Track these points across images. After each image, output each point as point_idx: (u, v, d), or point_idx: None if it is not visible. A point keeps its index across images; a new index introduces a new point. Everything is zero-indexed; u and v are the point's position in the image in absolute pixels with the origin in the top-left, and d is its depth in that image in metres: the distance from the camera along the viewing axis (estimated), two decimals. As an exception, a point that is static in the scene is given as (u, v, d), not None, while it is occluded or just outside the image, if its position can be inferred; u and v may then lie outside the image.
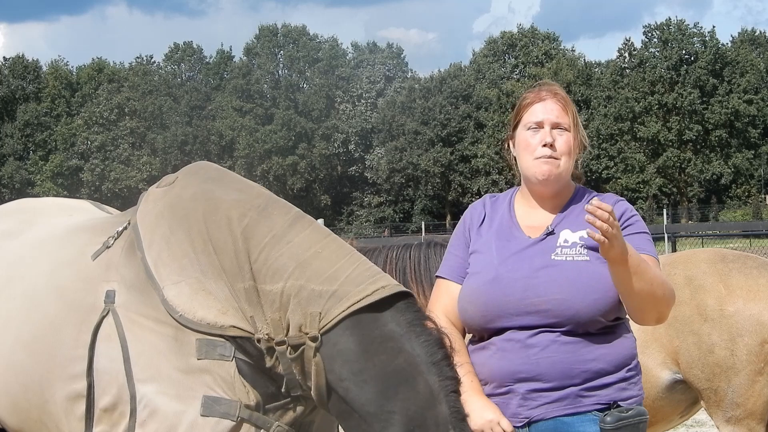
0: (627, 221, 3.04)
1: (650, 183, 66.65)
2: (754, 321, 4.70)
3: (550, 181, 3.05)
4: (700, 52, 68.29)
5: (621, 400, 2.93)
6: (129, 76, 75.01)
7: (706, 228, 32.57)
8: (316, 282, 3.00)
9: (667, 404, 4.87)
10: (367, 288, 2.98)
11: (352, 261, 3.09)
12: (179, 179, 3.45)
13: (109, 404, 3.15)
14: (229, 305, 3.07)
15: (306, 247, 3.08)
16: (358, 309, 2.94)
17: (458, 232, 3.22)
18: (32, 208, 4.16)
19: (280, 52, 76.42)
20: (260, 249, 3.08)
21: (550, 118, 3.05)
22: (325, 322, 2.96)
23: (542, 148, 3.02)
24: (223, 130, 70.77)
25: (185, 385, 3.04)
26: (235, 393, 3.04)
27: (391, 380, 2.87)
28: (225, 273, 3.09)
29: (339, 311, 2.95)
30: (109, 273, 3.30)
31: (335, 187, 73.43)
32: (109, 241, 3.39)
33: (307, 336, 2.96)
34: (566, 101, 3.11)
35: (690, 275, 4.83)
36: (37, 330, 3.37)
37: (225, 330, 3.03)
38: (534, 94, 3.12)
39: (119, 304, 3.21)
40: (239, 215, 3.16)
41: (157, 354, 3.09)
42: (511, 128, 3.17)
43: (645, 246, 3.01)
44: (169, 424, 3.03)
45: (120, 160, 71.78)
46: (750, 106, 67.28)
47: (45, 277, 3.47)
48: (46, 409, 3.33)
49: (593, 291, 2.92)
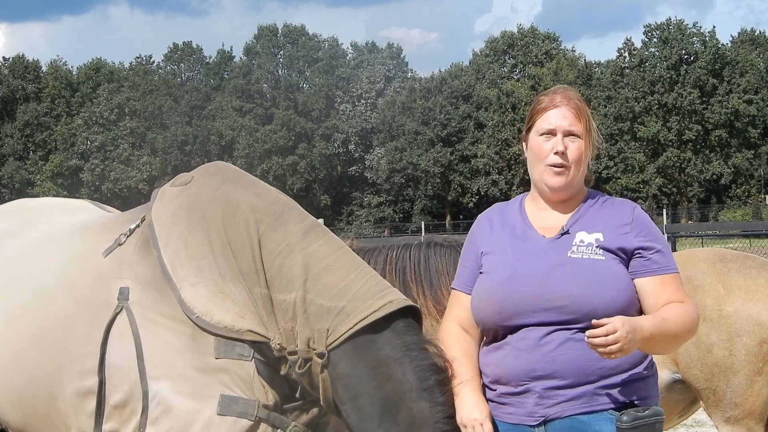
0: (647, 237, 3.03)
1: (650, 183, 66.59)
2: (752, 321, 4.70)
3: (560, 190, 3.07)
4: (699, 52, 68.23)
5: (637, 400, 2.94)
6: (129, 76, 74.95)
7: (706, 228, 32.55)
8: (326, 297, 3.02)
9: (666, 404, 4.87)
10: (375, 303, 3.00)
11: (362, 275, 3.10)
12: (196, 179, 3.44)
13: (120, 401, 3.15)
14: (246, 309, 3.08)
15: (318, 258, 3.10)
16: (362, 328, 2.96)
17: (467, 243, 3.24)
18: (33, 208, 4.16)
19: (279, 52, 76.37)
20: (274, 257, 3.09)
21: (563, 125, 3.04)
22: (332, 339, 2.98)
23: (554, 155, 3.03)
24: (223, 130, 70.71)
25: (201, 384, 3.05)
26: (253, 393, 3.04)
27: (377, 409, 2.90)
28: (243, 276, 3.10)
29: (346, 329, 2.97)
30: (122, 270, 3.30)
31: (335, 187, 73.37)
32: (121, 239, 3.39)
33: (314, 352, 2.98)
34: (580, 108, 3.10)
35: (689, 275, 4.82)
36: (47, 326, 3.36)
37: (242, 334, 3.05)
38: (549, 99, 3.11)
39: (133, 301, 3.21)
40: (256, 221, 3.17)
41: (173, 352, 3.09)
42: (525, 130, 3.17)
43: (669, 262, 3.03)
44: (182, 423, 3.04)
45: (120, 160, 71.70)
46: (750, 106, 67.20)
47: (54, 274, 3.47)
48: (53, 406, 3.32)
49: (610, 288, 2.93)
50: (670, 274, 3.01)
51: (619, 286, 2.96)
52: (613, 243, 3.00)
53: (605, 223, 3.05)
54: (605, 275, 2.95)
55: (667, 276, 2.99)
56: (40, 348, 3.35)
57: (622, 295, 2.95)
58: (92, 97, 74.26)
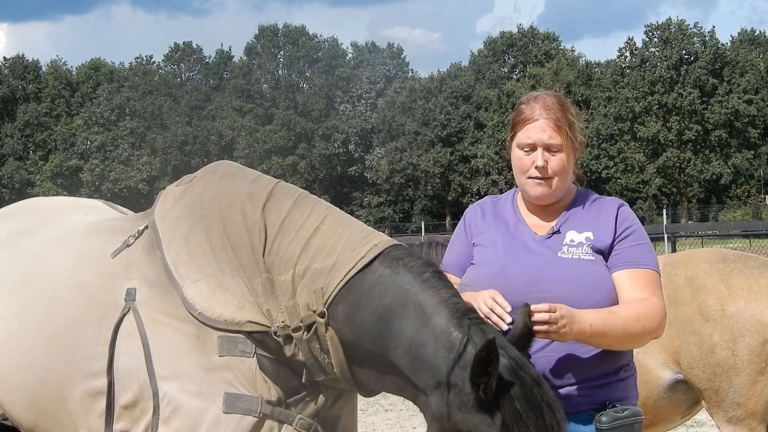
0: (624, 231, 3.05)
1: (650, 183, 66.62)
2: (755, 321, 4.70)
3: (543, 199, 3.09)
4: (700, 52, 68.26)
5: (616, 400, 2.94)
6: (129, 76, 74.99)
7: (705, 228, 32.56)
8: (319, 260, 3.06)
9: (668, 404, 4.86)
10: (362, 250, 3.04)
11: (349, 227, 3.15)
12: (197, 178, 3.48)
13: (130, 401, 3.17)
14: (246, 300, 3.10)
15: (309, 227, 3.14)
16: (353, 275, 3.00)
17: (458, 231, 3.25)
18: (45, 207, 4.17)
19: (280, 52, 76.40)
20: (272, 240, 3.13)
21: (542, 138, 3.03)
22: (327, 295, 3.01)
23: (534, 170, 3.04)
24: (223, 130, 70.77)
25: (207, 382, 3.07)
26: (256, 389, 3.06)
27: (384, 321, 2.91)
28: (243, 269, 3.13)
29: (337, 281, 3.00)
30: (130, 271, 3.32)
31: (335, 187, 73.41)
32: (129, 240, 3.41)
33: (315, 313, 3.00)
34: (559, 118, 3.06)
35: (691, 275, 4.83)
36: (58, 327, 3.38)
37: (242, 326, 3.07)
38: (529, 110, 3.09)
39: (140, 301, 3.23)
40: (253, 208, 3.21)
41: (179, 351, 3.11)
42: (508, 138, 3.17)
43: (642, 258, 3.01)
44: (192, 421, 3.06)
45: (120, 160, 71.76)
46: (750, 106, 67.23)
47: (66, 274, 3.49)
48: (63, 406, 3.34)
49: (597, 292, 2.93)
50: (642, 269, 2.98)
51: (607, 290, 2.97)
52: (601, 242, 3.01)
53: (594, 222, 3.06)
54: (594, 278, 2.96)
55: (637, 270, 2.98)
56: (51, 348, 3.37)
57: (609, 298, 2.96)
58: (92, 97, 74.31)
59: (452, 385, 2.74)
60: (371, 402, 9.88)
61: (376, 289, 2.96)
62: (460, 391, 2.72)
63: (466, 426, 2.71)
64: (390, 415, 9.40)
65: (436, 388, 2.78)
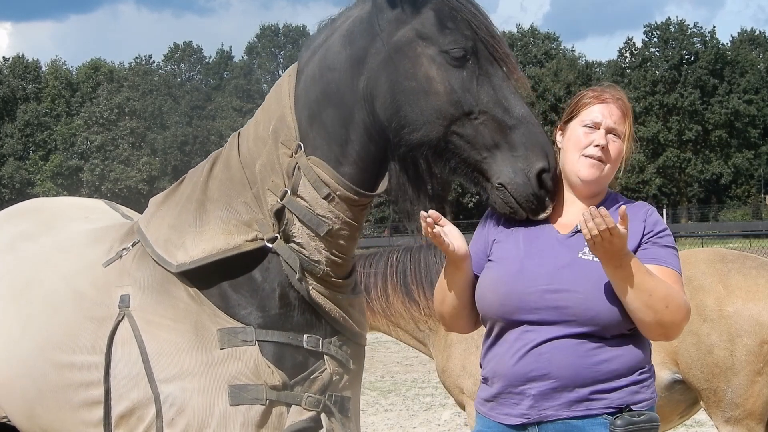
0: (657, 234, 2.99)
1: (650, 183, 66.63)
2: (753, 321, 4.71)
3: (591, 183, 3.02)
4: (700, 52, 68.25)
5: (632, 404, 2.88)
6: (129, 76, 74.97)
7: (705, 228, 32.62)
8: (279, 135, 3.20)
9: (667, 404, 4.87)
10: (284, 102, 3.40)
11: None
12: (183, 181, 3.49)
13: (127, 409, 3.16)
14: (230, 226, 3.12)
15: (252, 138, 3.33)
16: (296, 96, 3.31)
17: (479, 228, 3.20)
18: (49, 209, 4.16)
19: (280, 52, 76.34)
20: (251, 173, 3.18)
21: (608, 122, 3.01)
22: (292, 132, 3.16)
23: (593, 147, 2.99)
24: (223, 130, 70.71)
25: (210, 378, 3.06)
26: (259, 376, 3.05)
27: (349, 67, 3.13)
28: (216, 201, 3.18)
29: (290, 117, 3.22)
30: (123, 278, 3.32)
31: (335, 187, 73.29)
32: (122, 252, 3.42)
33: (287, 155, 3.10)
34: (627, 110, 3.07)
35: (689, 275, 4.82)
36: (56, 335, 3.39)
37: (241, 247, 3.08)
38: (597, 94, 3.07)
39: (134, 307, 3.22)
40: (213, 162, 3.30)
41: (179, 351, 3.10)
42: (564, 120, 3.12)
43: (668, 259, 2.94)
44: (199, 419, 3.05)
45: (120, 160, 71.72)
46: (750, 106, 67.24)
47: (64, 283, 3.49)
48: (59, 416, 3.35)
49: (615, 296, 2.86)
50: (667, 268, 2.92)
51: None
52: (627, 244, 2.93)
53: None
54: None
55: (662, 267, 2.90)
56: (50, 358, 3.37)
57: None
58: (92, 97, 74.28)
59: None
60: (371, 402, 9.93)
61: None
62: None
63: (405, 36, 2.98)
64: (390, 415, 9.38)
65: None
